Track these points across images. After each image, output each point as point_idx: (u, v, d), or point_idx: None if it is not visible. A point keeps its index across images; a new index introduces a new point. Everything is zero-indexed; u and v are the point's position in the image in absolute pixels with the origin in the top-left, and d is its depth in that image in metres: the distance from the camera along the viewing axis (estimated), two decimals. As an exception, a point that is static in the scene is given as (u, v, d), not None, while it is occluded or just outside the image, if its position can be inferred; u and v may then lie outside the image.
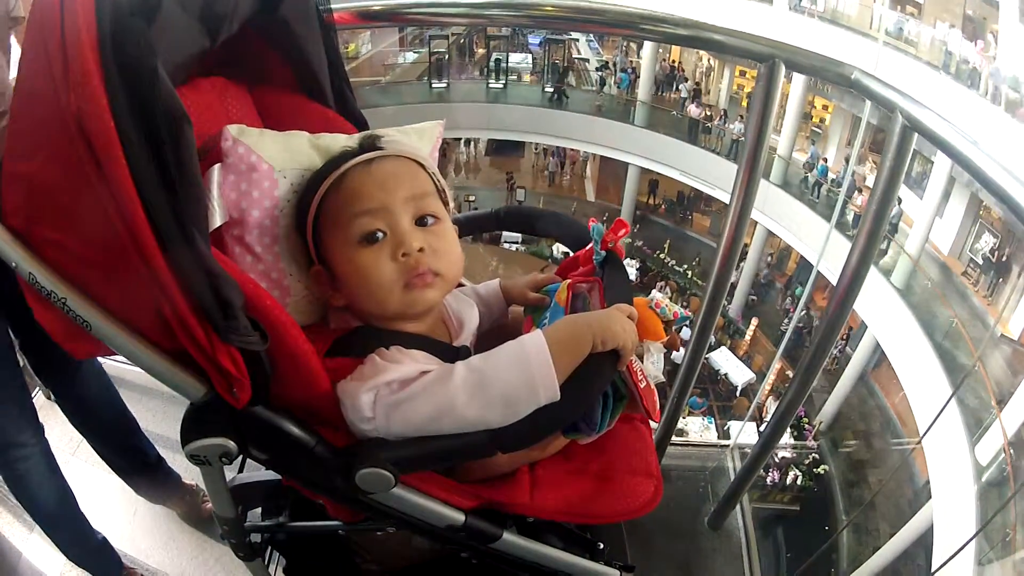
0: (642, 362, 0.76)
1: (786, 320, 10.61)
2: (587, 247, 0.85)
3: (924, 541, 6.22)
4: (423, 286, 0.70)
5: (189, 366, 0.61)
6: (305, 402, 0.66)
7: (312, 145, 0.74)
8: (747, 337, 10.84)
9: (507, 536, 0.78)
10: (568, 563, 0.86)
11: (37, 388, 1.82)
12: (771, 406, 8.67)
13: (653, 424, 1.34)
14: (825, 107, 11.17)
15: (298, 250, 0.73)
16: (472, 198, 12.18)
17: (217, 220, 0.66)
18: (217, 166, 0.66)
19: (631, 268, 11.82)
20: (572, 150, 14.50)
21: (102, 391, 1.43)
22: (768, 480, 8.19)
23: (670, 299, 0.86)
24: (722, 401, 10.05)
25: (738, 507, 1.59)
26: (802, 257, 10.65)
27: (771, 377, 9.09)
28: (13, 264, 0.59)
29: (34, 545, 1.54)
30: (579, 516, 0.81)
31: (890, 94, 0.95)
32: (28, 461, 1.25)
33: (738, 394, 10.02)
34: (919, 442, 6.84)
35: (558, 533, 0.86)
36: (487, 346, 0.69)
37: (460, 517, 0.74)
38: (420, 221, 0.72)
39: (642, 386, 0.75)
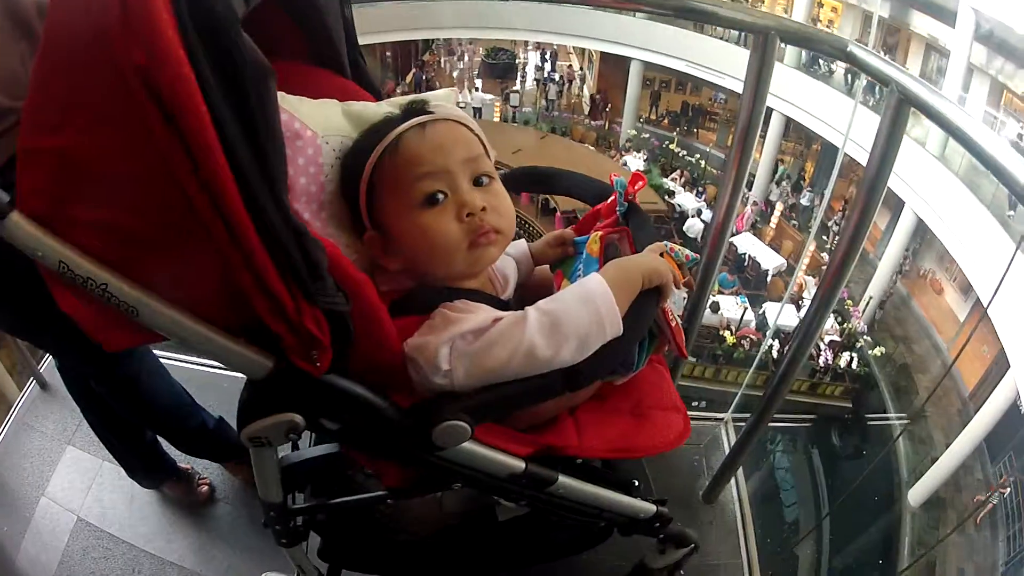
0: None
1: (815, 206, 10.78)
2: (608, 200, 0.88)
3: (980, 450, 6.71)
4: (487, 244, 0.72)
5: (252, 341, 0.59)
6: (373, 366, 0.65)
7: (344, 112, 0.73)
8: (772, 224, 10.98)
9: (562, 479, 0.81)
10: (612, 500, 0.90)
11: (32, 378, 1.76)
12: (810, 288, 8.85)
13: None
14: (834, 9, 11.42)
15: (344, 216, 0.72)
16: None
17: None
18: None
19: (639, 160, 12.18)
20: (569, 68, 14.53)
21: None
22: (821, 361, 8.39)
23: (682, 187, 0.91)
24: (751, 290, 10.03)
25: (732, 480, 1.62)
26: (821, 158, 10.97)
27: (805, 260, 9.28)
28: (39, 254, 0.53)
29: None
30: (622, 452, 0.85)
31: (885, 68, 0.97)
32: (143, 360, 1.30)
33: (769, 279, 10.09)
34: (982, 318, 7.06)
35: (598, 475, 0.90)
36: (518, 303, 0.72)
37: (521, 465, 0.76)
38: (477, 181, 0.73)
39: (673, 325, 0.81)
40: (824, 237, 10.63)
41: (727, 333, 8.98)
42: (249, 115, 0.47)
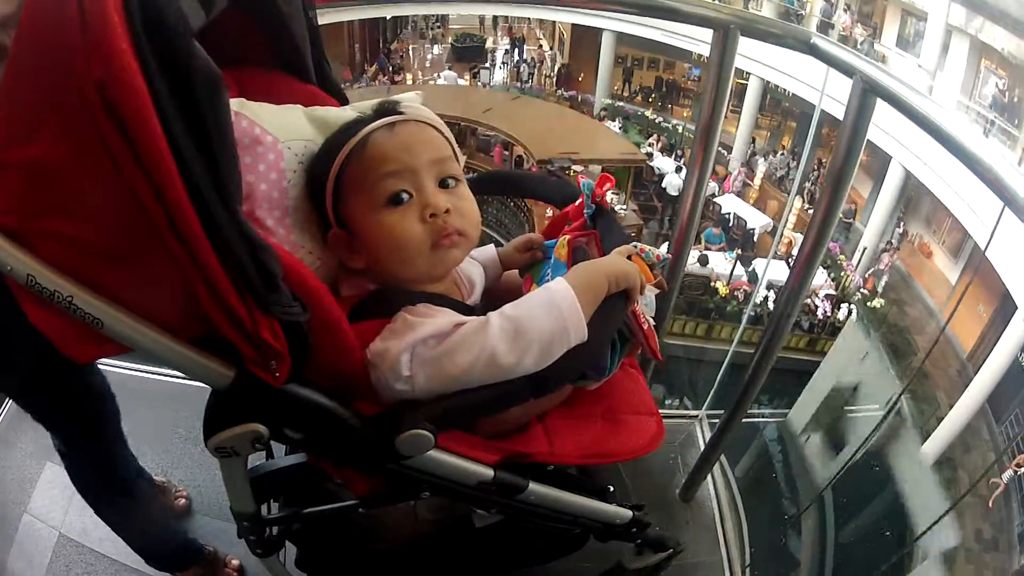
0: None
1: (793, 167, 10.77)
2: (576, 202, 0.89)
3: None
4: (450, 246, 0.72)
5: (214, 351, 0.59)
6: (335, 373, 0.65)
7: (308, 117, 0.74)
8: (756, 185, 11.01)
9: (532, 486, 0.81)
10: (586, 506, 0.90)
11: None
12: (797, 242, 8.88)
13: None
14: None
15: (309, 222, 0.72)
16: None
17: None
18: None
19: (614, 126, 12.14)
20: (539, 50, 14.57)
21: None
22: (820, 312, 8.29)
23: (660, 153, 0.91)
24: (736, 248, 9.92)
25: (709, 477, 1.62)
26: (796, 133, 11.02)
27: (792, 218, 9.23)
28: (8, 268, 0.53)
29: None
30: (595, 458, 0.86)
31: (849, 58, 0.98)
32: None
33: (756, 237, 10.06)
34: (979, 267, 7.11)
35: (571, 482, 0.90)
36: (485, 308, 0.71)
37: (489, 472, 0.76)
38: (443, 183, 0.73)
39: (645, 327, 0.81)
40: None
41: (719, 284, 8.85)
42: (201, 126, 0.48)
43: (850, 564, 6.02)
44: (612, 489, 0.96)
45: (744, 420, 1.45)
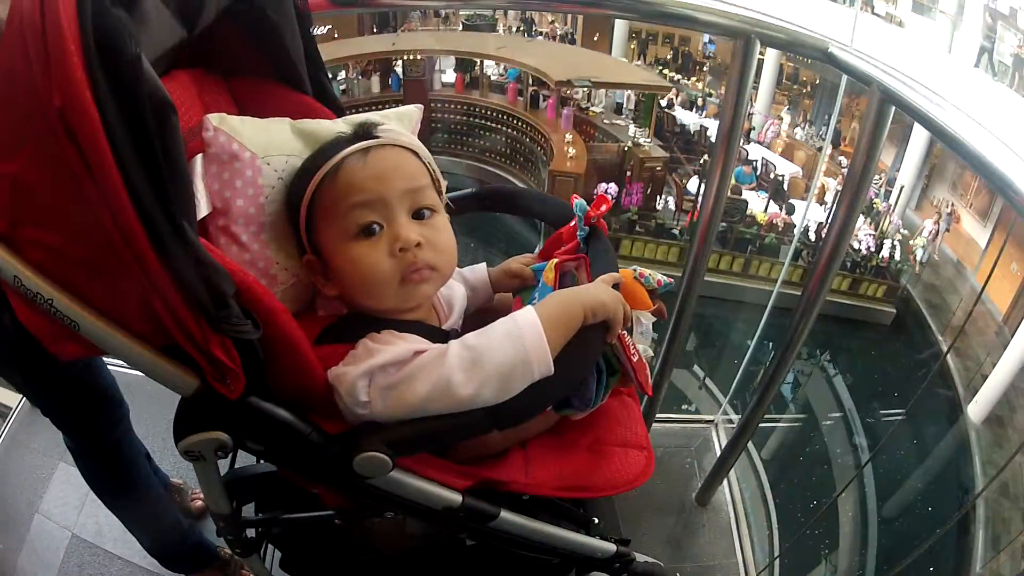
0: (631, 334, 0.77)
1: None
2: (570, 224, 0.86)
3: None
4: (419, 280, 0.70)
5: (180, 360, 0.61)
6: (298, 391, 0.66)
7: (295, 131, 0.74)
8: (781, 135, 10.60)
9: (504, 515, 0.79)
10: (565, 539, 0.87)
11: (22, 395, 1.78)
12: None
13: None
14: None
15: (285, 238, 0.73)
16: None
17: (203, 210, 0.65)
18: (199, 156, 0.66)
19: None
20: (551, 26, 14.27)
21: None
22: (863, 248, 7.92)
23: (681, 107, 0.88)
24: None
25: (725, 482, 1.62)
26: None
27: (823, 165, 8.95)
28: None
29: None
30: (573, 491, 0.83)
31: (866, 67, 0.95)
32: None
33: (786, 185, 9.48)
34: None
35: (553, 511, 0.88)
36: (473, 329, 0.69)
37: (457, 498, 0.75)
38: (416, 214, 0.72)
39: (635, 360, 0.77)
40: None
41: (759, 213, 8.31)
42: (149, 148, 0.50)
43: (898, 534, 5.72)
44: (597, 521, 0.93)
45: (760, 424, 1.44)
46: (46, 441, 1.69)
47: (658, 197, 8.77)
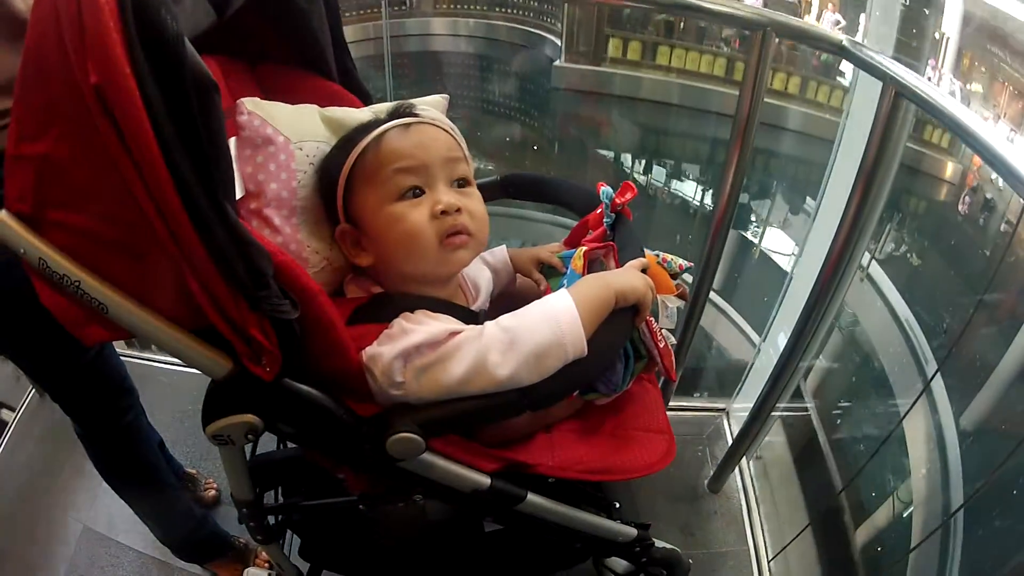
0: (657, 320, 0.78)
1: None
2: (596, 211, 0.86)
3: None
4: (459, 244, 0.71)
5: (212, 342, 0.60)
6: (331, 372, 0.66)
7: (323, 118, 0.75)
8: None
9: (531, 497, 0.80)
10: (588, 522, 0.88)
11: (31, 386, 1.77)
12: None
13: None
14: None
15: (316, 222, 0.73)
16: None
17: (236, 194, 0.65)
18: (233, 139, 0.66)
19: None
20: None
21: None
22: None
23: None
24: None
25: (736, 470, 1.63)
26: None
27: None
28: (21, 251, 0.56)
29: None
30: (598, 474, 0.83)
31: (880, 62, 0.94)
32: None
33: None
34: None
35: (576, 495, 0.88)
36: (495, 312, 0.70)
37: (486, 480, 0.75)
38: (454, 184, 0.73)
39: (661, 346, 0.78)
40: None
41: None
42: (191, 127, 0.49)
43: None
44: (619, 506, 0.94)
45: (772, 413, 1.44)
46: (59, 434, 1.65)
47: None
